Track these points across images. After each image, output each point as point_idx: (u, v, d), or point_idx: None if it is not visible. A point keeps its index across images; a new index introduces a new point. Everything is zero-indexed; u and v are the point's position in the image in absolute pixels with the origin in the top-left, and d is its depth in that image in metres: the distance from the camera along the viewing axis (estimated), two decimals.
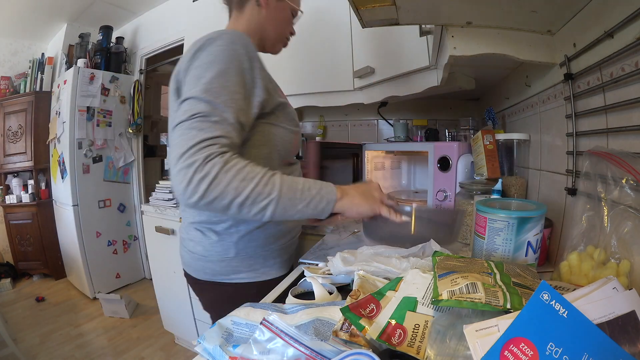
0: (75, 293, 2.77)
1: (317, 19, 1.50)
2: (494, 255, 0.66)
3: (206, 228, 0.79)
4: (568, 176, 0.74)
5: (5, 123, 2.95)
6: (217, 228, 0.78)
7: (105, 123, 2.74)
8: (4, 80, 3.00)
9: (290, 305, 0.52)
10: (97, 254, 2.70)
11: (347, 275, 0.65)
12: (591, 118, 0.67)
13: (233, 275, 0.80)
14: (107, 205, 2.80)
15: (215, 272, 0.80)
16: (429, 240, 0.72)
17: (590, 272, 0.52)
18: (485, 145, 1.03)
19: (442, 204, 1.15)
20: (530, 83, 0.96)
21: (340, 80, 1.49)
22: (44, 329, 2.22)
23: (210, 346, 0.45)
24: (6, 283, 2.85)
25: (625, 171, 0.50)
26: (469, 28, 0.78)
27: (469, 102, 1.74)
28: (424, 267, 0.59)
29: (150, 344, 2.06)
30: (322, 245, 1.01)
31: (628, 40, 0.53)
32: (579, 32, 0.68)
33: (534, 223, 0.63)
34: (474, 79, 1.22)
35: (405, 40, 1.15)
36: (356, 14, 0.74)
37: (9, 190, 3.02)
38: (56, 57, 2.97)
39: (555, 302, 0.33)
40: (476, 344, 0.35)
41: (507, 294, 0.41)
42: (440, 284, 0.46)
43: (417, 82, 1.19)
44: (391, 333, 0.41)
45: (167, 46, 2.64)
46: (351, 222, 1.28)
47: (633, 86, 0.54)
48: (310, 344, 0.41)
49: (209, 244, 0.79)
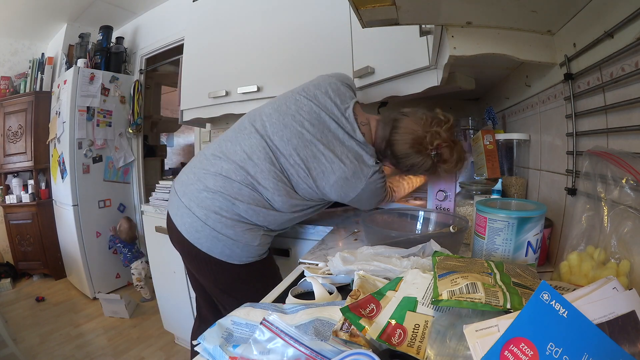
0: (75, 293, 2.77)
1: (317, 19, 1.50)
2: (494, 255, 0.66)
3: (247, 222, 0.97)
4: (568, 176, 0.74)
5: (5, 123, 2.95)
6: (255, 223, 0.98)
7: (105, 123, 2.74)
8: (4, 80, 3.00)
9: (290, 305, 0.52)
10: (97, 254, 2.70)
11: (347, 275, 0.65)
12: (591, 118, 0.67)
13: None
14: (107, 205, 2.80)
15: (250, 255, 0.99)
16: (429, 240, 0.72)
17: (590, 272, 0.52)
18: (485, 145, 1.03)
19: (441, 204, 1.15)
20: (530, 83, 0.96)
21: None
22: (44, 329, 2.22)
23: (210, 346, 0.45)
24: (6, 283, 2.85)
25: (625, 171, 0.50)
26: (469, 28, 0.78)
27: (469, 102, 1.74)
28: (424, 267, 0.59)
29: (150, 344, 2.06)
30: (322, 245, 1.01)
31: (628, 40, 0.53)
32: (579, 32, 0.68)
33: (534, 223, 0.63)
34: (474, 79, 1.22)
35: (405, 40, 1.15)
36: (356, 14, 0.74)
37: (9, 190, 3.03)
38: (56, 57, 2.98)
39: (555, 302, 0.33)
40: (476, 344, 0.35)
41: (507, 294, 0.41)
42: (440, 284, 0.46)
43: (417, 82, 1.19)
44: (391, 333, 0.41)
45: (167, 46, 2.64)
46: (351, 222, 1.28)
47: (633, 86, 0.54)
48: (310, 344, 0.41)
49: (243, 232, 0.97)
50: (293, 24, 1.55)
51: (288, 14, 1.57)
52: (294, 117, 0.96)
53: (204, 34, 1.85)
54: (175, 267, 1.74)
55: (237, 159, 0.96)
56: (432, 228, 0.96)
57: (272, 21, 1.60)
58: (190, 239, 0.97)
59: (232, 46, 1.71)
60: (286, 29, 1.56)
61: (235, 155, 0.96)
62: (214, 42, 1.80)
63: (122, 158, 2.89)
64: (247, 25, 1.69)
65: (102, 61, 2.72)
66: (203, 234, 0.95)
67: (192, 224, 0.96)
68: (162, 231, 1.75)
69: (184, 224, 0.97)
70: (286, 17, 1.57)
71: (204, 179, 0.97)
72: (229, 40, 1.74)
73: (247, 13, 1.69)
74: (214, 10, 1.81)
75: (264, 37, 1.62)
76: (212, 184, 0.95)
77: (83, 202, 2.61)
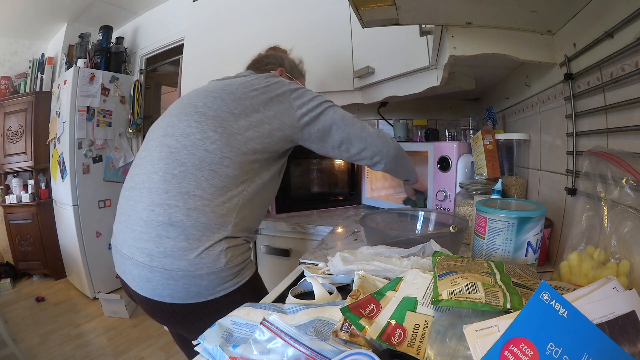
0: (75, 293, 2.77)
1: (317, 19, 1.50)
2: (494, 255, 0.66)
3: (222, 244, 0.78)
4: (568, 176, 0.74)
5: (5, 123, 2.95)
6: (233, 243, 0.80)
7: (105, 123, 2.74)
8: (4, 80, 3.00)
9: (290, 305, 0.52)
10: (97, 254, 2.69)
11: (347, 275, 0.65)
12: (591, 118, 0.67)
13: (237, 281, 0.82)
14: (107, 205, 2.79)
15: (227, 284, 0.80)
16: (429, 240, 0.72)
17: (590, 272, 0.52)
18: (485, 145, 1.03)
19: (441, 204, 1.15)
20: (530, 83, 0.96)
21: (340, 80, 1.49)
22: (44, 329, 2.22)
23: (210, 346, 0.45)
24: (6, 283, 2.85)
25: (625, 171, 0.50)
26: (469, 28, 0.78)
27: (469, 102, 1.74)
28: (424, 267, 0.59)
29: (150, 344, 2.06)
30: (322, 245, 1.01)
31: (628, 40, 0.53)
32: (579, 32, 0.68)
33: (534, 223, 0.63)
34: (474, 79, 1.22)
35: (405, 40, 1.15)
36: (356, 14, 0.74)
37: (9, 190, 3.02)
38: (56, 57, 2.97)
39: (555, 302, 0.33)
40: (476, 344, 0.35)
41: (507, 294, 0.41)
42: (440, 284, 0.46)
43: (417, 82, 1.19)
44: (391, 333, 0.41)
45: (167, 46, 2.64)
46: (351, 222, 1.28)
47: (633, 86, 0.54)
48: (310, 344, 0.41)
49: (218, 258, 0.78)
50: (293, 24, 1.55)
51: (288, 14, 1.57)
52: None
53: (204, 34, 1.85)
54: None
55: (148, 170, 0.82)
56: (432, 228, 0.96)
57: (272, 21, 1.60)
58: (146, 294, 0.78)
59: (232, 46, 1.71)
60: (286, 29, 1.56)
61: (147, 167, 0.83)
62: (214, 42, 1.80)
63: (122, 158, 2.88)
64: (247, 26, 1.69)
65: (102, 61, 2.72)
66: (155, 281, 0.76)
67: (140, 274, 0.78)
68: None
69: (134, 279, 0.80)
70: (286, 17, 1.57)
71: (132, 213, 0.81)
72: (229, 40, 1.74)
73: (247, 13, 1.69)
74: (214, 10, 1.81)
75: (264, 37, 1.62)
76: (142, 210, 0.78)
77: (83, 202, 2.61)
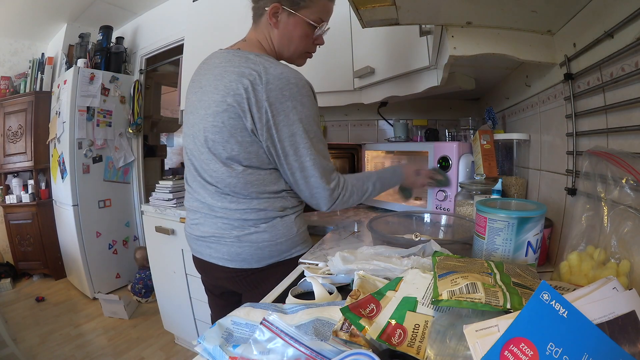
0: (75, 293, 2.77)
1: None
2: (494, 255, 0.65)
3: (270, 217, 0.88)
4: (568, 176, 0.74)
5: (5, 123, 2.95)
6: (281, 214, 0.90)
7: (105, 123, 2.74)
8: (4, 80, 3.00)
9: (290, 305, 0.52)
10: (97, 254, 2.70)
11: (347, 275, 0.65)
12: (591, 118, 0.67)
13: (293, 250, 0.92)
14: (107, 205, 2.80)
15: (281, 251, 0.90)
16: (429, 240, 0.72)
17: (590, 272, 0.52)
18: (482, 145, 1.03)
19: (441, 204, 1.15)
20: (530, 83, 0.96)
21: (340, 80, 1.49)
22: (44, 329, 2.22)
23: (210, 346, 0.45)
24: (6, 283, 2.85)
25: (625, 171, 0.50)
26: (469, 28, 0.78)
27: (469, 102, 1.74)
28: (424, 267, 0.59)
29: (150, 344, 2.06)
30: (322, 245, 1.01)
31: (628, 40, 0.53)
32: (579, 32, 0.68)
33: (534, 223, 0.63)
34: (474, 79, 1.22)
35: (405, 40, 1.15)
36: (356, 14, 0.74)
37: (9, 190, 3.03)
38: (56, 57, 2.98)
39: (555, 302, 0.33)
40: (476, 344, 0.35)
41: (507, 294, 0.41)
42: (440, 284, 0.46)
43: (417, 82, 1.19)
44: (391, 333, 0.41)
45: (167, 46, 2.64)
46: (351, 222, 1.28)
47: (633, 86, 0.54)
48: (310, 344, 0.41)
49: (275, 227, 0.89)
50: None
51: None
52: None
53: (204, 34, 1.85)
54: (175, 267, 1.74)
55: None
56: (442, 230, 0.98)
57: None
58: (236, 265, 0.88)
59: None
60: None
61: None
62: (214, 42, 1.80)
63: (122, 158, 2.88)
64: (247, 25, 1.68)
65: (102, 61, 2.72)
66: (244, 250, 0.87)
67: (229, 250, 0.88)
68: (162, 231, 1.75)
69: (222, 256, 0.89)
70: None
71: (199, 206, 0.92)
72: (229, 40, 1.73)
73: (247, 13, 1.69)
74: (214, 10, 1.81)
75: None
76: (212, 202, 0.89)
77: (83, 202, 2.61)
